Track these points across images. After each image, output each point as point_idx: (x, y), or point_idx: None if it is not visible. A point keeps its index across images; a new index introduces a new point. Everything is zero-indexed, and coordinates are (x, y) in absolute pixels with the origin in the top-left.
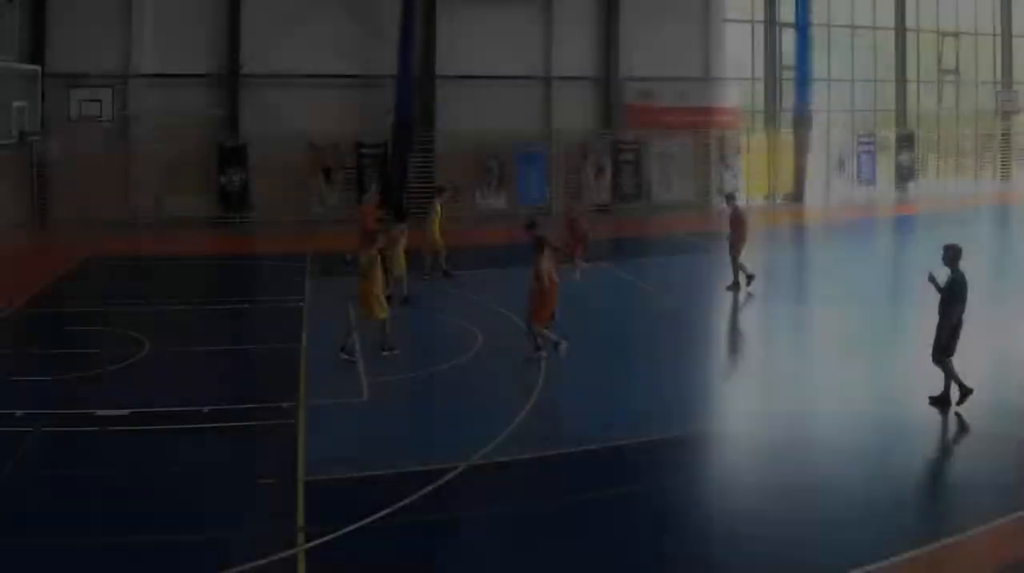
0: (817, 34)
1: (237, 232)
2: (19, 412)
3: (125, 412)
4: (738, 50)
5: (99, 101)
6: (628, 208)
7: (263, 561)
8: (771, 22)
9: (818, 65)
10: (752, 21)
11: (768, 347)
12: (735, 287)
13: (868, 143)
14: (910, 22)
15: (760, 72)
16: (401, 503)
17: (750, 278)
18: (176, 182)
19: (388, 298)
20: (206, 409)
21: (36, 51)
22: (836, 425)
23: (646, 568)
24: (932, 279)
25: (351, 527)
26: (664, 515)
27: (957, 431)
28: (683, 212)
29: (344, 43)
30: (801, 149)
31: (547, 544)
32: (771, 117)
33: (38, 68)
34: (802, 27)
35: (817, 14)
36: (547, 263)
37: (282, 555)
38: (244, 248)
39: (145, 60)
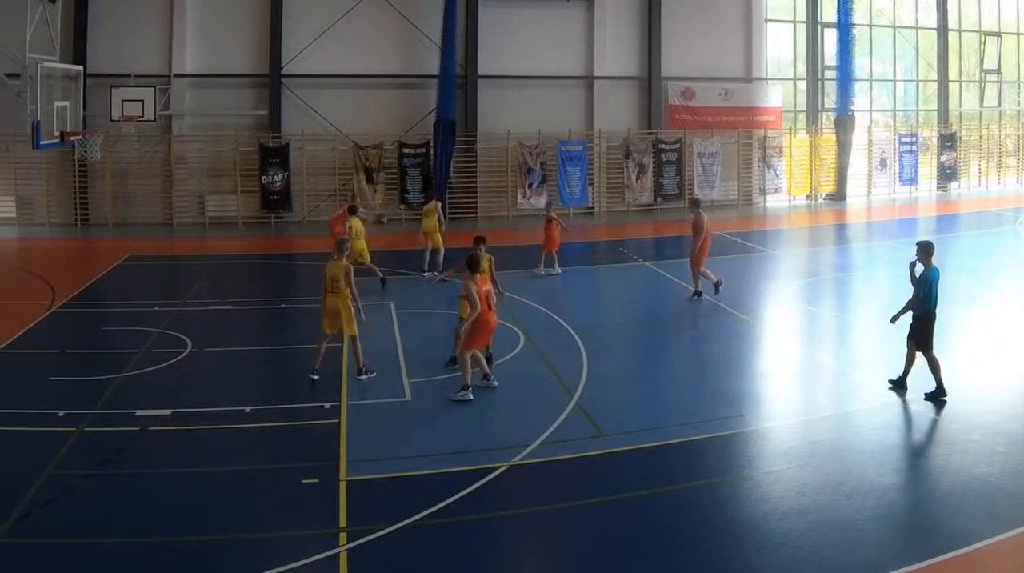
0: (859, 34)
1: (279, 232)
2: (61, 412)
3: (167, 412)
4: (780, 50)
5: (141, 101)
6: (670, 208)
7: (306, 561)
8: (813, 22)
9: (860, 65)
10: (794, 21)
11: (805, 347)
12: (698, 295)
13: (910, 143)
14: (952, 22)
15: (802, 72)
16: (443, 503)
17: (699, 292)
18: (217, 182)
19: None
20: (248, 409)
21: (78, 51)
22: (879, 424)
23: (686, 568)
24: (912, 268)
25: (393, 527)
26: (704, 514)
27: (1003, 434)
28: (725, 212)
29: (386, 43)
30: (843, 149)
31: (588, 544)
32: (813, 117)
33: (80, 68)
34: (844, 27)
35: (859, 14)
36: (480, 285)
37: (324, 555)
38: (286, 248)
39: (187, 60)
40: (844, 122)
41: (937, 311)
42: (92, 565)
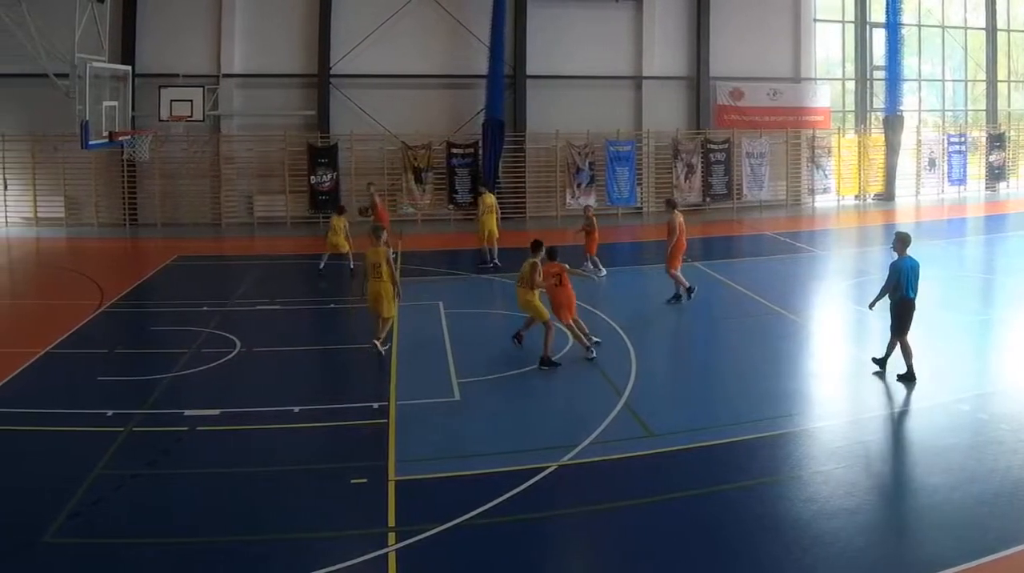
0: (908, 34)
1: (327, 232)
2: (110, 412)
3: (215, 412)
4: (829, 50)
5: (190, 101)
6: (719, 208)
7: (354, 561)
8: (862, 22)
9: (909, 65)
10: (843, 21)
11: (853, 347)
12: (677, 299)
13: (959, 143)
14: (1001, 22)
15: (851, 72)
16: (492, 503)
17: (682, 295)
18: (266, 182)
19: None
20: (296, 409)
21: (127, 51)
22: (928, 424)
23: (736, 567)
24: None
25: (442, 527)
26: (753, 514)
27: None
28: (774, 212)
29: (435, 43)
30: (892, 149)
31: (637, 544)
32: (862, 117)
33: (128, 68)
34: (893, 27)
35: (908, 14)
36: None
37: (373, 555)
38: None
39: (236, 60)
40: (893, 122)
41: (916, 299)
42: (140, 564)
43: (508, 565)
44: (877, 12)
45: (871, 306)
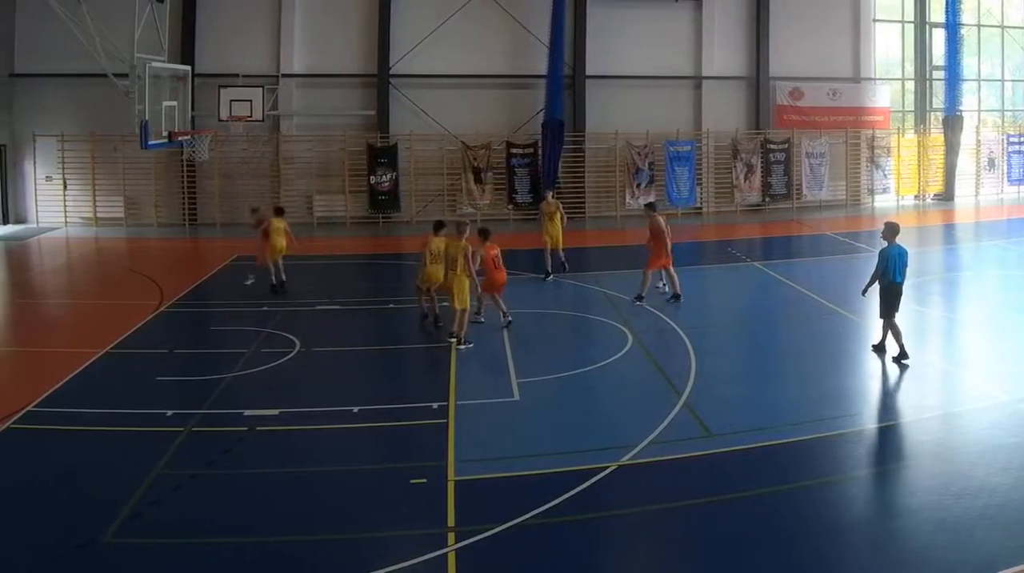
0: (967, 34)
1: (387, 232)
2: (169, 412)
3: (275, 412)
4: (888, 50)
5: (249, 101)
6: (778, 208)
7: (414, 561)
8: (921, 22)
9: (968, 65)
10: (902, 21)
11: (913, 347)
12: (676, 298)
13: (1018, 143)
14: None
15: (910, 72)
16: (551, 503)
17: (675, 295)
18: (325, 182)
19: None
20: (356, 409)
21: (186, 51)
22: (988, 424)
23: (797, 567)
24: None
25: (502, 527)
26: (814, 513)
27: None
28: (834, 212)
29: (494, 44)
30: (951, 149)
31: (697, 544)
32: (921, 117)
33: (188, 68)
34: (952, 27)
35: (967, 14)
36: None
37: (433, 555)
38: (394, 248)
39: (295, 60)
40: (952, 122)
41: (902, 284)
42: (199, 565)
43: (567, 565)
44: (936, 12)
45: (863, 292)
